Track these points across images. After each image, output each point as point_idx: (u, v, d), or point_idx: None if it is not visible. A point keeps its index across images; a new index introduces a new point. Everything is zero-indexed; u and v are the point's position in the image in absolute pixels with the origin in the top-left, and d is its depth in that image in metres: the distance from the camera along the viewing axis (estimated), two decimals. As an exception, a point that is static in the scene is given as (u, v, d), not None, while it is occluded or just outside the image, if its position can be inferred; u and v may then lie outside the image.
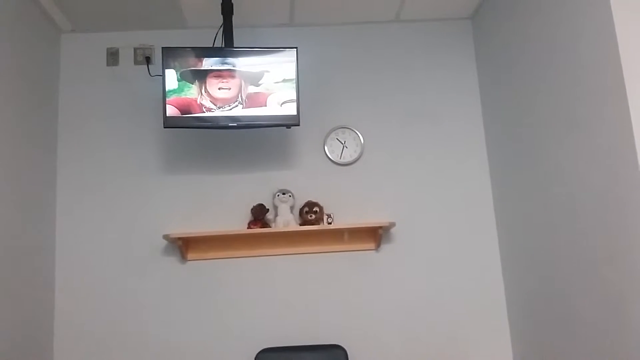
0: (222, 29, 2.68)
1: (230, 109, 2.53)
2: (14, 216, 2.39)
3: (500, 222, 2.82)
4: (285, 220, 2.71)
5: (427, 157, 2.93)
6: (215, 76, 2.53)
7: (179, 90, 2.52)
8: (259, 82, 2.56)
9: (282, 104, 2.57)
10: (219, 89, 2.53)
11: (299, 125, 2.60)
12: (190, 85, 2.52)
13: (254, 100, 2.55)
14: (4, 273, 2.28)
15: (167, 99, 2.51)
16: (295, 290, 2.79)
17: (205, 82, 2.53)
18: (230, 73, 2.54)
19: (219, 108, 2.52)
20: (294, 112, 2.57)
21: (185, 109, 2.52)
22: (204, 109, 2.52)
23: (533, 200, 2.43)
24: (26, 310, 2.45)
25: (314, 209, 2.74)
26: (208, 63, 2.54)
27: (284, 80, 2.58)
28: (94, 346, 2.70)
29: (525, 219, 2.53)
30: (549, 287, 2.33)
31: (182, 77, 2.52)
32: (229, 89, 2.53)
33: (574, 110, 2.04)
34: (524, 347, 2.63)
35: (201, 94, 2.52)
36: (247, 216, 2.80)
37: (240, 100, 2.53)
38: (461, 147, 2.94)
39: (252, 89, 2.55)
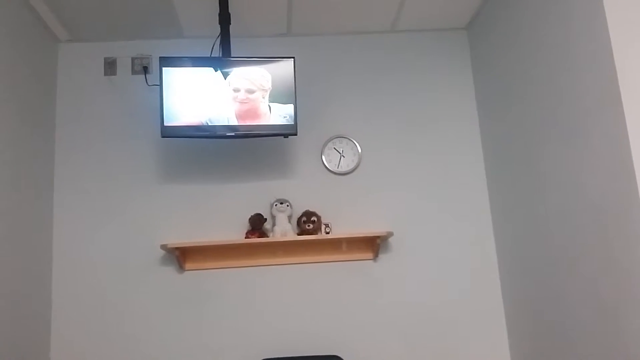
0: (219, 38, 2.69)
1: (227, 119, 2.53)
2: (10, 225, 2.37)
3: (498, 231, 2.83)
4: (283, 229, 2.70)
5: (424, 166, 2.93)
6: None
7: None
8: (256, 92, 2.56)
9: (280, 113, 2.57)
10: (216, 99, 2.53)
11: (296, 134, 2.60)
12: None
13: (251, 110, 2.55)
14: (1, 283, 2.26)
15: (164, 112, 2.51)
16: (293, 300, 2.77)
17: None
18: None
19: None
20: (292, 122, 2.57)
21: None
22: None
23: (530, 208, 2.43)
24: (23, 319, 2.43)
25: (311, 219, 2.74)
26: (203, 74, 2.53)
27: (282, 90, 2.58)
28: (91, 356, 2.67)
29: (522, 228, 2.53)
30: (546, 296, 2.32)
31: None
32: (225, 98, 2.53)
33: (570, 118, 2.05)
34: (522, 356, 2.62)
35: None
36: (245, 226, 2.79)
37: (238, 111, 2.53)
38: (458, 156, 2.95)
39: (249, 99, 2.55)
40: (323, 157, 2.91)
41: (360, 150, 2.92)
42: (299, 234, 2.75)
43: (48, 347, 2.67)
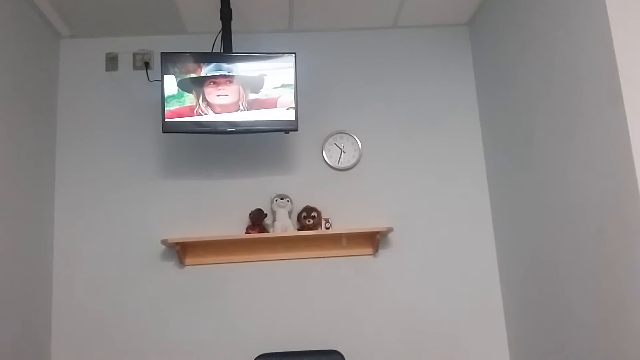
0: (221, 34, 2.69)
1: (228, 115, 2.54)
2: (12, 221, 2.38)
3: (498, 228, 2.83)
4: (283, 225, 2.71)
5: (424, 162, 2.94)
6: (213, 84, 2.54)
7: (178, 96, 2.52)
8: (258, 88, 2.56)
9: (281, 109, 2.57)
10: (217, 96, 2.53)
11: (297, 130, 2.61)
12: (188, 93, 2.53)
13: (254, 106, 2.56)
14: (2, 277, 2.28)
15: (166, 107, 2.52)
16: (293, 296, 2.79)
17: (203, 91, 2.53)
18: (227, 79, 2.55)
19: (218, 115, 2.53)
20: (293, 117, 2.58)
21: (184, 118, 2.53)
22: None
23: (531, 206, 2.44)
24: (24, 316, 2.44)
25: (312, 214, 2.75)
26: (205, 70, 2.54)
27: (283, 86, 2.58)
28: (91, 351, 2.69)
29: (523, 225, 2.53)
30: (546, 294, 2.33)
31: (179, 86, 2.52)
32: (227, 95, 2.54)
33: (572, 117, 2.05)
34: (521, 353, 2.63)
35: (199, 103, 2.52)
36: (245, 221, 2.80)
37: (243, 107, 2.54)
38: (459, 153, 2.95)
39: (252, 95, 2.56)
40: (324, 153, 2.92)
41: (360, 146, 2.93)
42: (299, 230, 2.76)
43: (49, 341, 2.69)
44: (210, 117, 2.52)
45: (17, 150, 2.46)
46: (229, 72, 2.55)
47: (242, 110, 2.54)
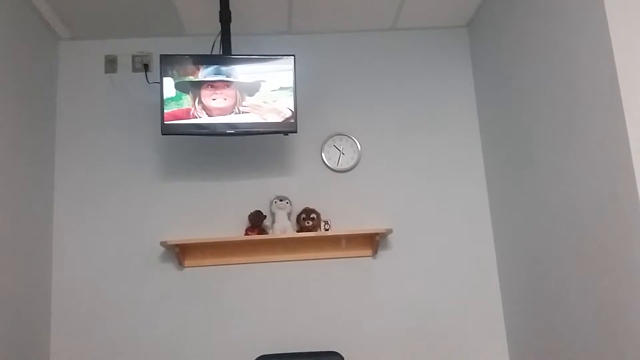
0: (220, 36, 2.70)
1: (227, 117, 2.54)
2: (11, 223, 2.38)
3: (497, 229, 2.83)
4: (282, 226, 2.72)
5: (424, 163, 2.94)
6: (210, 87, 2.54)
7: (176, 98, 2.52)
8: (257, 90, 2.57)
9: (280, 111, 2.58)
10: (213, 99, 2.53)
11: (296, 132, 2.61)
12: (186, 95, 2.53)
13: (251, 107, 2.56)
14: (1, 279, 2.28)
15: (164, 109, 2.52)
16: (292, 297, 2.79)
17: (199, 93, 2.53)
18: (224, 84, 2.55)
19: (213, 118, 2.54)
20: (292, 119, 2.58)
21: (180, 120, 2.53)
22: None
23: (530, 207, 2.44)
24: (23, 318, 2.44)
25: (311, 216, 2.75)
26: (203, 74, 2.54)
27: (282, 88, 2.59)
28: (91, 353, 2.69)
29: (522, 226, 2.54)
30: (546, 294, 2.33)
31: (177, 88, 2.53)
32: (224, 99, 2.54)
33: (570, 117, 2.06)
34: (521, 353, 2.63)
35: (195, 106, 2.52)
36: (245, 223, 2.80)
37: (237, 111, 2.54)
38: (458, 154, 2.96)
39: (249, 98, 2.56)
40: (323, 155, 2.92)
41: (359, 148, 2.93)
42: (298, 231, 2.76)
43: (48, 343, 2.68)
44: (205, 119, 2.52)
45: (16, 152, 2.45)
46: (227, 76, 2.55)
47: (236, 114, 2.54)
